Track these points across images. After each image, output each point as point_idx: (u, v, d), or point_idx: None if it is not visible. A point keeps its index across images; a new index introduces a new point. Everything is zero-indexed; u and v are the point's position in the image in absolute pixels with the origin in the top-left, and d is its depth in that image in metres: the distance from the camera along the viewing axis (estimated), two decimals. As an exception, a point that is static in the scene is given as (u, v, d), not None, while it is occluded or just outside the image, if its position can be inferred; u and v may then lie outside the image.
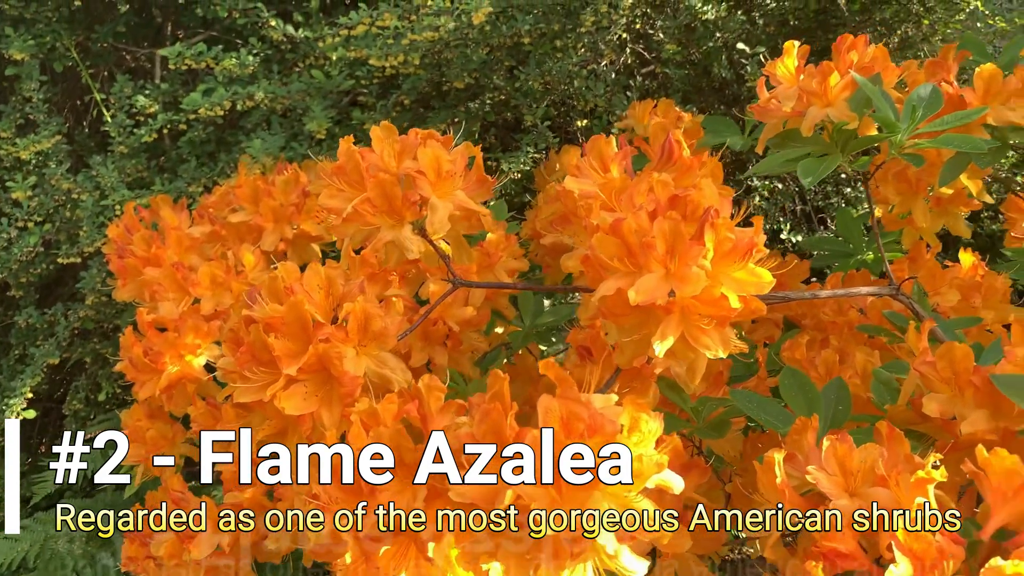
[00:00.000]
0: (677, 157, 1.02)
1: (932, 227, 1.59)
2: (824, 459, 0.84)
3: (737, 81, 2.40)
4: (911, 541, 0.73)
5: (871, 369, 1.24)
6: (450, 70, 1.94)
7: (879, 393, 1.19)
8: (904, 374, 1.14)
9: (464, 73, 1.95)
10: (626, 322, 0.91)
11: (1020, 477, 0.77)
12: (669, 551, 0.89)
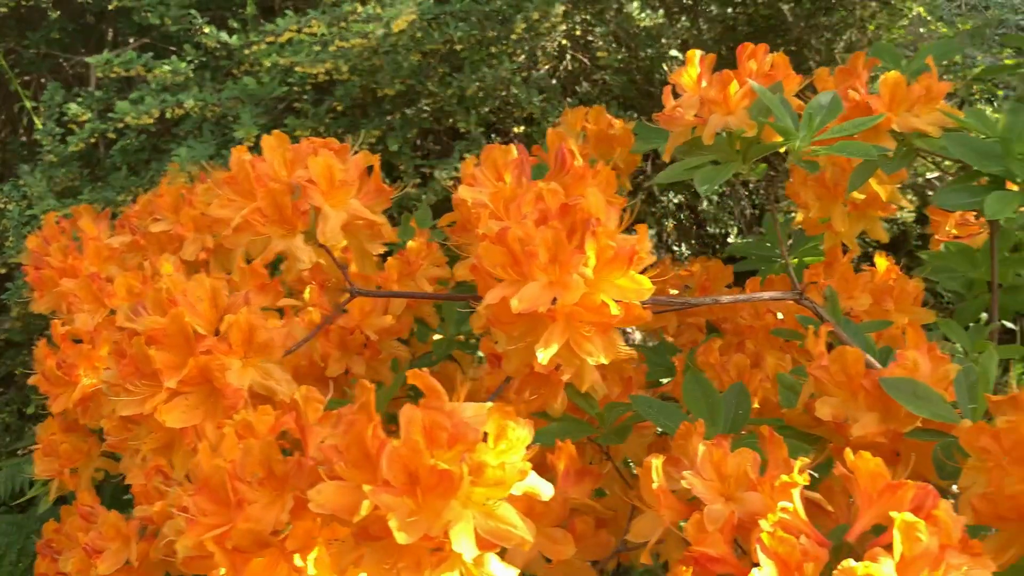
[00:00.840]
0: (570, 166, 1.03)
1: (851, 232, 1.61)
2: (700, 464, 0.84)
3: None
4: (776, 544, 0.74)
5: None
6: (381, 77, 1.94)
7: (784, 397, 1.21)
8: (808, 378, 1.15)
9: (395, 80, 1.95)
10: (513, 330, 0.92)
11: (884, 479, 0.79)
12: (554, 557, 0.89)
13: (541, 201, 0.94)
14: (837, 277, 1.45)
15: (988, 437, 0.87)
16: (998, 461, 0.86)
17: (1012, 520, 0.86)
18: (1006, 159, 1.24)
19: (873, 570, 0.69)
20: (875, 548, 0.72)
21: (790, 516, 0.77)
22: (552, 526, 0.91)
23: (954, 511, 0.77)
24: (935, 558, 0.71)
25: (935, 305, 2.73)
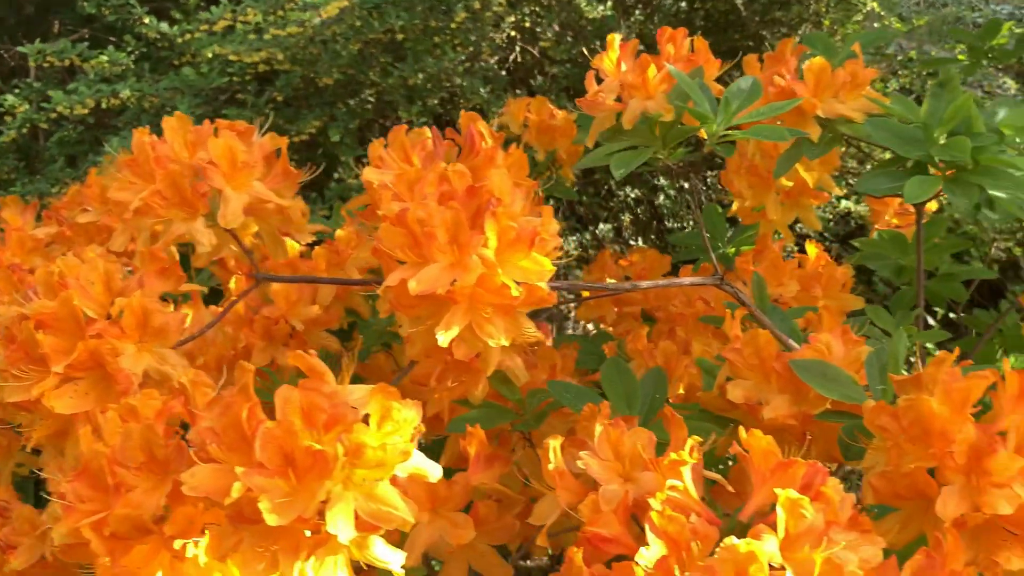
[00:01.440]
0: (478, 148, 1.02)
1: (783, 220, 1.62)
2: (598, 444, 0.84)
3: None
4: (665, 523, 0.74)
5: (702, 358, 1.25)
6: (320, 66, 1.92)
7: (705, 381, 1.21)
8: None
9: (334, 69, 1.93)
10: (416, 312, 0.91)
11: (776, 457, 0.79)
12: (453, 542, 0.88)
13: (446, 183, 0.93)
14: (766, 264, 1.46)
15: (887, 416, 0.87)
16: (896, 440, 0.86)
17: (910, 499, 0.86)
18: (927, 144, 1.25)
19: (755, 547, 0.68)
20: (759, 525, 0.72)
21: (680, 495, 0.77)
22: (454, 511, 0.90)
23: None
24: (820, 534, 0.71)
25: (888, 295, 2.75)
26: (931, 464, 0.83)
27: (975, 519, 0.81)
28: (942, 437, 0.83)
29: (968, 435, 0.81)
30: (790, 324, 1.25)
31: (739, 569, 0.69)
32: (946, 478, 0.82)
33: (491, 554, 0.93)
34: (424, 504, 0.90)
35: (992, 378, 0.86)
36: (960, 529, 0.83)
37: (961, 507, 0.80)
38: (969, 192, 1.21)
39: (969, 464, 0.81)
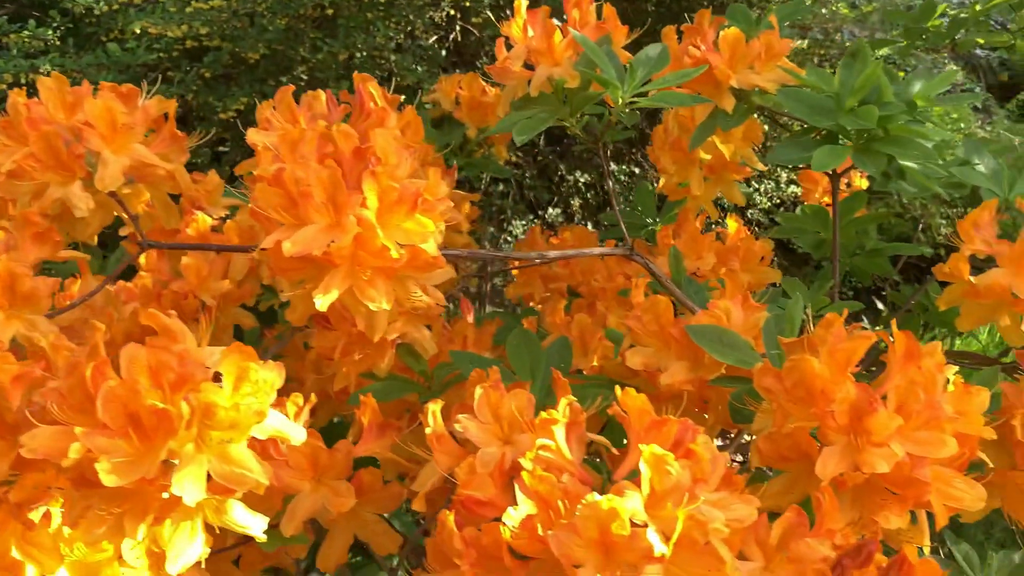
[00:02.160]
0: (369, 110, 0.99)
1: (707, 195, 1.62)
2: (477, 407, 0.82)
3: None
4: (535, 483, 0.72)
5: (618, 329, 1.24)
6: (245, 41, 1.88)
7: (615, 352, 1.20)
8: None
9: (260, 44, 1.89)
10: (296, 277, 0.88)
11: (650, 415, 0.77)
12: (334, 509, 0.86)
13: (331, 144, 0.90)
14: (685, 238, 1.45)
15: (771, 377, 0.86)
16: (781, 401, 0.85)
17: (794, 460, 0.85)
18: (837, 114, 1.24)
19: (616, 504, 0.67)
20: (622, 482, 0.71)
21: (553, 454, 0.76)
22: (336, 479, 0.88)
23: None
24: (687, 492, 0.70)
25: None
26: (813, 424, 0.83)
27: (855, 479, 0.81)
28: (824, 397, 0.82)
29: (848, 394, 0.81)
30: (704, 296, 1.24)
31: (601, 526, 0.68)
32: (827, 438, 0.82)
33: (376, 522, 0.91)
34: (306, 472, 0.88)
35: (874, 337, 0.86)
36: (841, 489, 0.82)
37: (840, 466, 0.80)
38: (877, 161, 1.21)
39: (850, 424, 0.81)
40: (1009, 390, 1.04)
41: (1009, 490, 1.05)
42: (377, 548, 0.92)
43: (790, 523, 0.73)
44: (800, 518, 0.73)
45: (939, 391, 0.83)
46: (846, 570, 0.72)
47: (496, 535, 0.71)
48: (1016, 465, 1.03)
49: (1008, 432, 1.02)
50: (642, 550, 0.67)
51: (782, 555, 0.73)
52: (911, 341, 0.87)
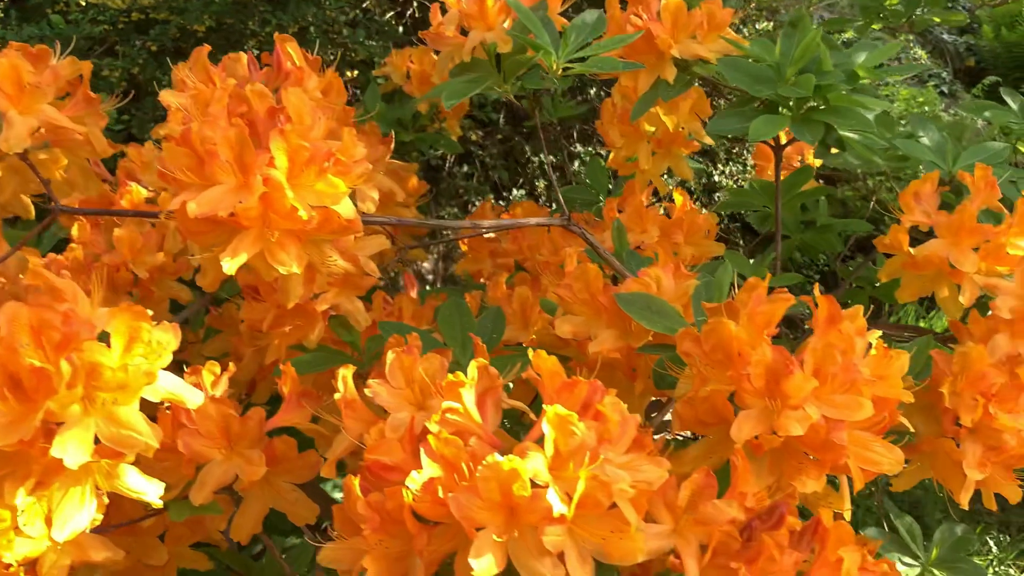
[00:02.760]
0: (286, 70, 0.97)
1: (655, 169, 1.60)
2: (389, 371, 0.80)
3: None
4: (441, 446, 0.71)
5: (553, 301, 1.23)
6: (190, 13, 1.84)
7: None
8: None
9: (206, 16, 1.85)
10: (208, 240, 0.86)
11: (561, 377, 0.76)
12: (244, 478, 0.84)
13: (244, 104, 0.88)
14: (629, 211, 1.44)
15: (690, 341, 0.85)
16: (700, 365, 0.84)
17: (713, 425, 0.84)
18: (777, 83, 1.23)
19: (517, 464, 0.66)
20: (525, 443, 0.70)
21: (461, 418, 0.74)
22: (249, 448, 0.86)
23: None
24: (591, 452, 0.69)
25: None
26: (730, 388, 0.82)
27: (771, 442, 0.80)
28: (741, 360, 0.81)
29: (764, 356, 0.79)
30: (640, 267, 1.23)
31: (502, 487, 0.67)
32: (744, 402, 0.81)
33: (291, 491, 0.89)
34: (218, 441, 0.86)
35: (793, 300, 0.85)
36: (758, 453, 0.82)
37: (756, 429, 0.79)
38: (814, 130, 1.20)
39: (767, 387, 0.80)
40: (939, 358, 1.04)
41: (939, 458, 1.05)
42: (294, 519, 0.90)
43: (698, 485, 0.72)
44: (709, 480, 0.72)
45: (858, 354, 0.82)
46: (755, 532, 0.71)
47: (400, 500, 0.69)
48: (945, 432, 1.03)
49: (937, 400, 1.02)
50: (542, 511, 0.66)
51: (690, 517, 0.72)
52: (833, 306, 0.86)
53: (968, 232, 1.20)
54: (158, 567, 1.09)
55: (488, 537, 0.66)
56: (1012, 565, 2.66)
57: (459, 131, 1.93)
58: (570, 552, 0.67)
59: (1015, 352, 1.04)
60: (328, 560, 0.74)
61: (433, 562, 0.72)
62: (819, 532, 0.77)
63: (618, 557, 0.68)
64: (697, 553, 0.70)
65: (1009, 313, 1.04)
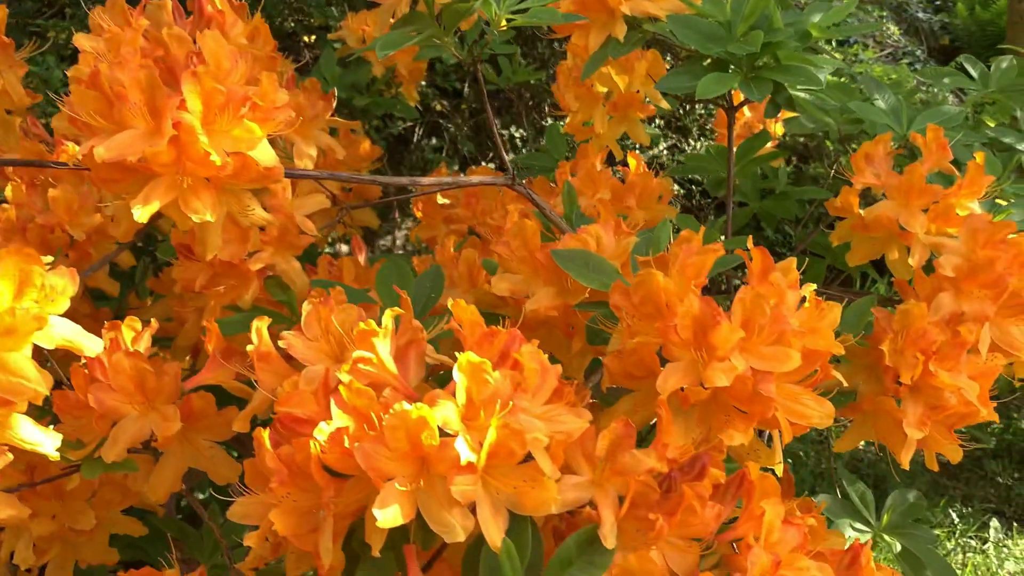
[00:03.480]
0: (208, 15, 0.93)
1: (611, 134, 1.58)
2: (305, 323, 0.78)
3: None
4: (352, 397, 0.68)
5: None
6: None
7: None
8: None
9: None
10: (120, 188, 0.83)
11: (481, 328, 0.74)
12: (159, 434, 0.81)
13: (162, 48, 0.84)
14: (581, 174, 1.41)
15: (620, 294, 0.83)
16: (629, 319, 0.82)
17: (641, 378, 0.82)
18: (727, 41, 1.21)
19: (425, 412, 0.63)
20: (435, 391, 0.67)
21: (375, 368, 0.71)
22: (165, 403, 0.83)
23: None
24: (505, 401, 0.66)
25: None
26: (658, 340, 0.80)
27: (698, 395, 0.78)
28: (669, 312, 0.79)
29: (691, 307, 0.77)
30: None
31: (411, 436, 0.64)
32: (671, 354, 0.79)
33: (212, 450, 0.86)
34: (133, 396, 0.83)
35: (721, 250, 0.83)
36: (685, 406, 0.80)
37: (682, 381, 0.77)
38: (762, 87, 1.18)
39: (694, 338, 0.78)
40: (880, 316, 1.02)
41: (880, 417, 1.04)
42: (215, 477, 0.87)
43: (617, 435, 0.70)
44: (628, 430, 0.70)
45: (788, 307, 0.80)
46: (675, 483, 0.69)
47: (309, 452, 0.67)
48: (885, 391, 1.02)
49: (879, 359, 1.01)
50: (451, 460, 0.64)
51: (608, 468, 0.70)
52: (766, 259, 0.84)
53: (918, 193, 1.18)
54: (86, 532, 1.06)
55: (393, 487, 0.63)
56: (974, 537, 2.69)
57: (416, 96, 1.89)
58: (482, 503, 0.65)
59: (958, 311, 1.02)
60: (238, 515, 0.72)
61: (344, 516, 0.69)
62: (745, 486, 0.75)
63: (532, 508, 0.66)
64: (614, 504, 0.69)
65: (953, 271, 1.03)
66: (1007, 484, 2.91)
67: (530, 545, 0.67)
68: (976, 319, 1.01)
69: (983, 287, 1.02)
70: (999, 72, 1.66)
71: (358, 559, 0.72)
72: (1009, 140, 1.53)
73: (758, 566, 0.67)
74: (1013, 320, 1.03)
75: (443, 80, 2.68)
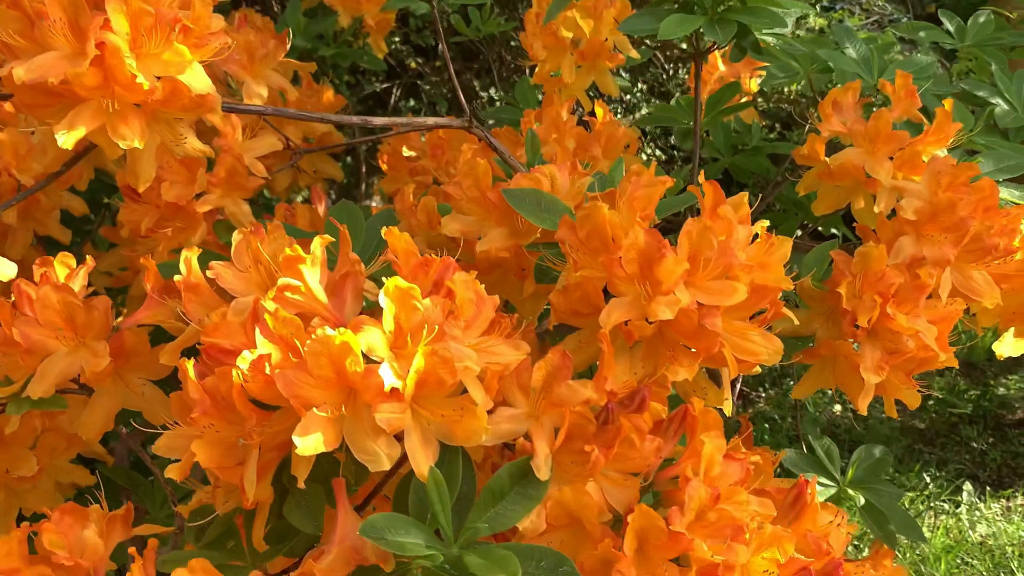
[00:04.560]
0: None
1: (580, 83, 1.55)
2: (235, 253, 0.75)
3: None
4: (278, 325, 0.66)
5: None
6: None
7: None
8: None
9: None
10: (46, 113, 0.79)
11: (415, 256, 0.71)
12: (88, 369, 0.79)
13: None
14: (546, 122, 1.38)
15: (566, 228, 0.80)
16: (576, 254, 0.80)
17: (587, 315, 0.80)
18: (691, -20, 1.18)
19: (349, 338, 0.61)
20: (360, 317, 0.65)
21: (304, 298, 0.69)
22: (96, 339, 0.81)
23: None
24: (436, 328, 0.64)
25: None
26: (603, 275, 0.77)
27: (643, 330, 0.76)
28: (616, 245, 0.77)
29: (637, 239, 0.75)
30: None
31: (335, 363, 0.62)
32: (617, 288, 0.77)
33: (147, 388, 0.84)
34: (62, 332, 0.80)
35: (671, 182, 0.81)
36: (630, 342, 0.78)
37: (626, 315, 0.75)
38: (727, 29, 1.15)
39: (640, 272, 0.75)
40: (839, 259, 1.00)
41: (839, 363, 1.02)
42: (149, 416, 0.84)
43: (553, 366, 0.68)
44: (564, 360, 0.68)
45: (737, 240, 0.78)
46: (612, 414, 0.67)
47: (227, 378, 0.65)
48: (843, 335, 1.00)
49: (836, 302, 0.99)
50: (375, 387, 0.61)
51: (544, 399, 0.68)
52: (717, 193, 0.82)
53: (884, 140, 1.16)
54: (29, 479, 1.04)
55: (314, 414, 0.61)
56: (947, 500, 2.70)
57: (384, 48, 1.85)
58: (410, 432, 0.63)
59: (919, 255, 1.00)
60: (163, 448, 0.69)
61: (271, 449, 0.67)
62: (688, 422, 0.73)
63: (462, 438, 0.64)
64: (549, 436, 0.67)
65: (914, 214, 1.01)
66: (981, 449, 2.93)
67: (460, 476, 0.65)
68: (937, 263, 0.99)
69: (944, 231, 1.00)
70: (976, 26, 1.63)
71: (288, 495, 0.70)
72: (983, 93, 1.51)
73: (696, 499, 0.65)
74: (975, 265, 1.02)
75: (417, 36, 2.63)
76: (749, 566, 0.66)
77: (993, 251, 1.00)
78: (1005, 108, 1.44)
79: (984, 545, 2.56)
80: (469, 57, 3.48)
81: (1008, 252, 1.02)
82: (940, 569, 2.44)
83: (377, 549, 0.64)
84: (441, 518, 0.62)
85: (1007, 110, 1.44)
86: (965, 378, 3.26)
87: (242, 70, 1.12)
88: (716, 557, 0.64)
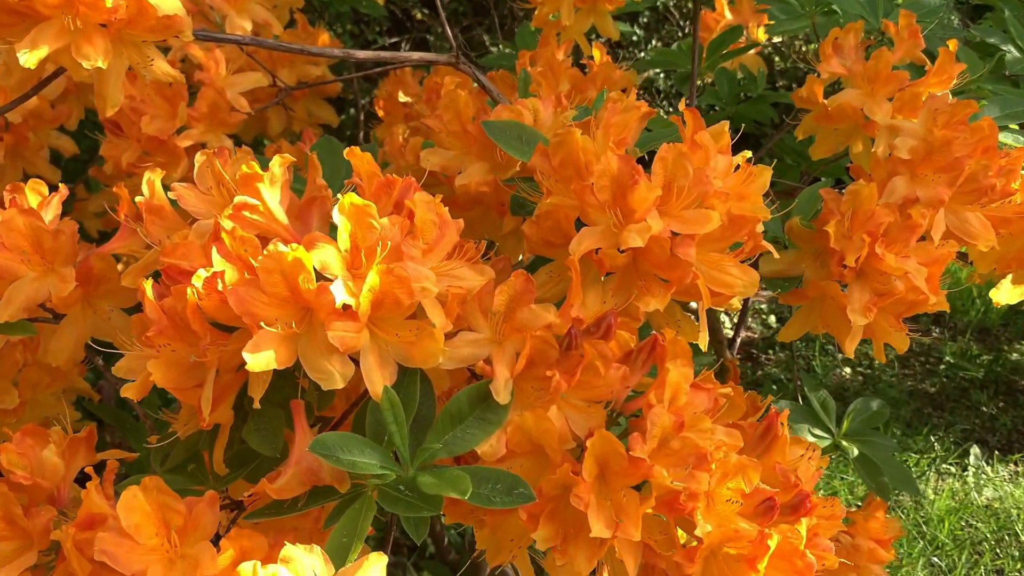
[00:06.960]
0: None
1: (578, 27, 1.51)
2: (197, 175, 0.74)
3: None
4: (236, 245, 0.65)
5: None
6: None
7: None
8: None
9: None
10: (9, 33, 0.77)
11: (379, 177, 0.70)
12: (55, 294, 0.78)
13: None
14: (542, 63, 1.35)
15: (540, 156, 0.78)
16: (549, 182, 0.78)
17: (559, 246, 0.78)
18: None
19: (301, 253, 0.60)
20: (314, 234, 0.63)
21: (263, 217, 0.68)
22: (64, 265, 0.80)
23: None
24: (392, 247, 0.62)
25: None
26: (575, 203, 0.75)
27: (615, 260, 0.74)
28: (588, 172, 0.75)
29: (610, 165, 0.73)
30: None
31: (288, 280, 0.61)
32: (589, 217, 0.75)
33: (111, 313, 0.83)
34: (31, 257, 0.79)
35: (646, 108, 0.78)
36: (602, 272, 0.76)
37: (597, 243, 0.73)
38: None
39: (613, 200, 0.73)
40: (829, 197, 0.97)
41: (826, 304, 1.00)
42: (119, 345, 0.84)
43: (516, 290, 0.66)
44: (527, 285, 0.67)
45: (714, 169, 0.75)
46: (575, 340, 0.66)
47: (182, 296, 0.64)
48: (831, 276, 0.97)
49: (825, 242, 0.96)
50: (329, 304, 0.60)
51: (507, 324, 0.66)
52: (697, 121, 0.79)
53: (883, 80, 1.12)
54: (12, 411, 1.04)
55: (267, 331, 0.60)
56: (953, 464, 2.67)
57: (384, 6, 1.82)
58: (366, 353, 0.62)
59: (912, 195, 0.97)
60: (123, 370, 0.69)
61: (230, 370, 0.66)
62: (657, 352, 0.72)
63: (420, 359, 0.63)
64: (510, 360, 0.65)
65: (908, 153, 0.98)
66: (991, 413, 2.89)
67: (418, 398, 0.64)
68: (930, 204, 0.96)
69: (939, 171, 0.97)
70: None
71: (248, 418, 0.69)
72: (994, 40, 1.46)
73: (658, 426, 0.63)
74: (971, 207, 0.98)
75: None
76: (712, 495, 0.64)
77: (990, 192, 0.97)
78: (1016, 55, 1.40)
79: (989, 508, 2.54)
80: (480, 11, 3.43)
81: (1006, 194, 0.98)
82: (943, 530, 2.43)
83: (333, 470, 0.63)
84: (397, 439, 0.61)
85: (1018, 57, 1.39)
86: (979, 343, 3.21)
87: (224, 3, 1.10)
88: (677, 484, 0.62)
